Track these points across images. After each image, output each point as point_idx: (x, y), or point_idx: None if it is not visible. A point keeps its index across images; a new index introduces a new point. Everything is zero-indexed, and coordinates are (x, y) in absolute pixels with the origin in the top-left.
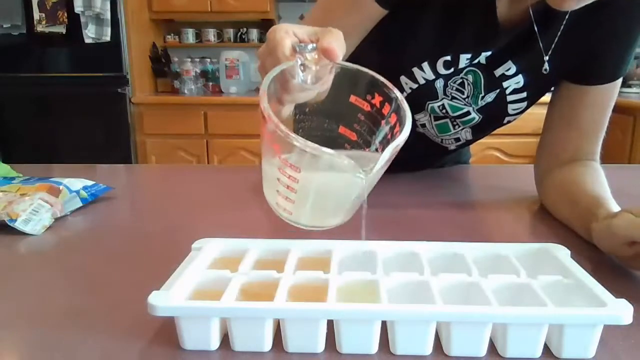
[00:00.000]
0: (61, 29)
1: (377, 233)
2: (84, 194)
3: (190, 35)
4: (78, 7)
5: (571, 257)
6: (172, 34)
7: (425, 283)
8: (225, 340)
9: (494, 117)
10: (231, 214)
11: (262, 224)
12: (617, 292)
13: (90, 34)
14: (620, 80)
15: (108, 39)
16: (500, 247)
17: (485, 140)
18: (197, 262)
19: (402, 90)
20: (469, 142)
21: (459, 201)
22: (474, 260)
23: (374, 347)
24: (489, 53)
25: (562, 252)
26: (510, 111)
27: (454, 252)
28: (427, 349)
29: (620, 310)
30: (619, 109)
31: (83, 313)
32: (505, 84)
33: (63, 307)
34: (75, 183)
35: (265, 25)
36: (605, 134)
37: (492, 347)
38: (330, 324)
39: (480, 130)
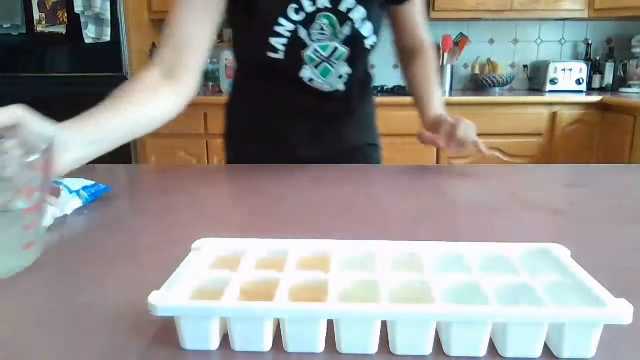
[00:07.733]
0: (61, 29)
1: (377, 233)
2: (84, 194)
3: None
4: (78, 7)
5: (571, 257)
6: None
7: (425, 283)
8: (225, 340)
9: (357, 45)
10: (231, 214)
11: (263, 224)
12: (617, 292)
13: (90, 34)
14: None
15: (108, 39)
16: (500, 247)
17: (485, 140)
18: (197, 262)
19: (276, 51)
20: (354, 80)
21: (459, 201)
22: (473, 260)
23: (374, 347)
24: None
25: (562, 252)
26: (365, 35)
27: (454, 252)
28: (427, 349)
29: (620, 310)
30: (619, 109)
31: (83, 313)
32: (352, 16)
33: (63, 307)
34: (75, 183)
35: None
36: (605, 133)
37: (492, 347)
38: (330, 324)
39: (354, 61)
